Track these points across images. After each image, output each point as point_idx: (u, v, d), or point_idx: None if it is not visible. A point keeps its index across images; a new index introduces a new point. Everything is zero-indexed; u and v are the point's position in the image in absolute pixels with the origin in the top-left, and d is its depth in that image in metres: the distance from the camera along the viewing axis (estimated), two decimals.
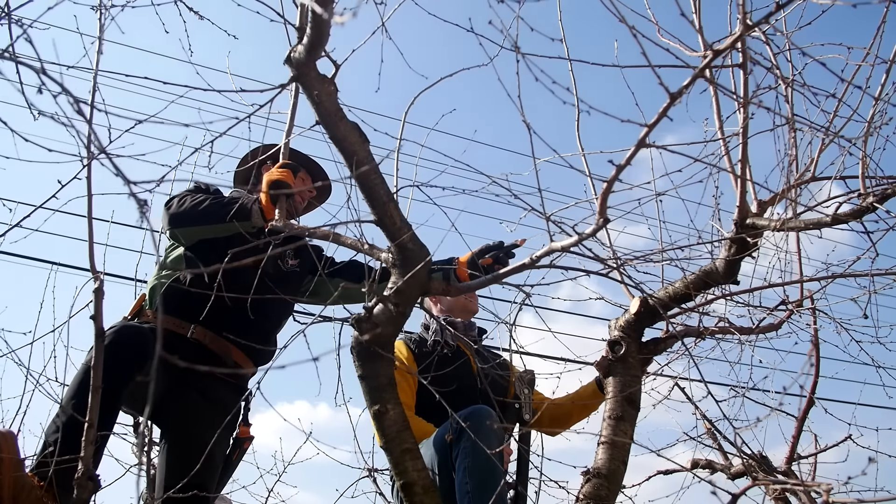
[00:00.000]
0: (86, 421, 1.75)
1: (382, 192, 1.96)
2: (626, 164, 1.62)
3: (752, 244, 2.36)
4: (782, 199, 2.42)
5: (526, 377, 2.91)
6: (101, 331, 1.82)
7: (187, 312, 2.54)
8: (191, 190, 2.69)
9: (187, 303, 2.53)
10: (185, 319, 2.55)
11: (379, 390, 1.97)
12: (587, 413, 3.12)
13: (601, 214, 1.68)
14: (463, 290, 2.18)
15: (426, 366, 2.84)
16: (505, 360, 3.20)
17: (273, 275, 2.66)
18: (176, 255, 2.66)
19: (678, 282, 2.52)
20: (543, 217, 1.83)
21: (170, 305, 2.56)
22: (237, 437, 2.60)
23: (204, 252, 2.61)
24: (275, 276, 2.67)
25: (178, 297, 2.54)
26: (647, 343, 2.68)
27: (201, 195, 2.56)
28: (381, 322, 1.97)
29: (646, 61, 1.53)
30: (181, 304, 2.54)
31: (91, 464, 1.70)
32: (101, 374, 1.78)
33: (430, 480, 1.96)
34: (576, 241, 1.77)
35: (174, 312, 2.55)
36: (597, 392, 3.01)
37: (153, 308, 2.58)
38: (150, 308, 2.59)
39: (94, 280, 2.04)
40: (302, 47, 1.86)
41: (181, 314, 2.55)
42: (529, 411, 2.83)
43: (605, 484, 2.39)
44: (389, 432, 1.95)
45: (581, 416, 3.13)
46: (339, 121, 1.93)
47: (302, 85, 1.93)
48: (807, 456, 3.66)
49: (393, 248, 1.98)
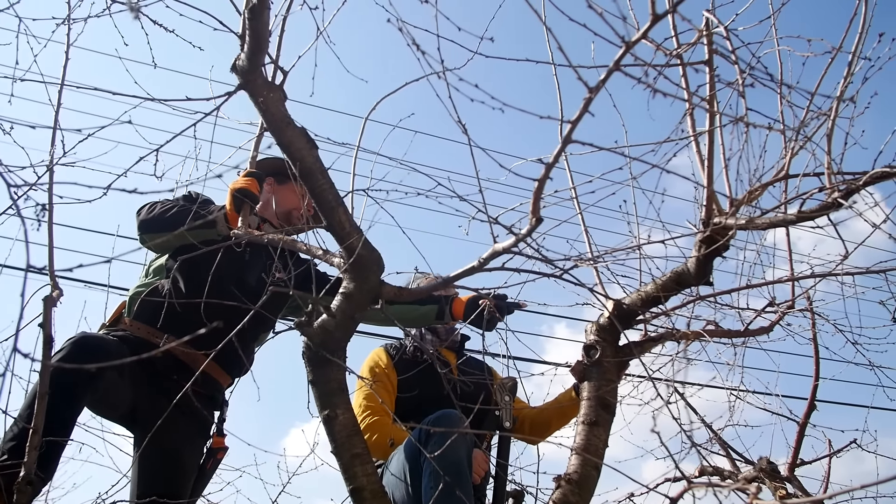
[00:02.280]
0: (30, 427, 1.77)
1: (331, 197, 1.97)
2: (554, 163, 1.60)
3: (722, 244, 2.30)
4: (755, 198, 2.37)
5: (507, 384, 2.88)
6: (48, 338, 1.84)
7: (164, 323, 2.56)
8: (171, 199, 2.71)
9: (162, 312, 2.55)
10: (161, 329, 2.57)
11: (329, 395, 1.96)
12: (567, 419, 3.07)
13: (534, 214, 1.66)
14: (416, 294, 2.17)
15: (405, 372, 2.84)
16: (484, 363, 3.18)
17: (254, 288, 2.66)
18: (158, 265, 2.69)
19: (650, 284, 2.47)
20: (488, 218, 1.81)
21: (146, 314, 2.59)
22: (211, 447, 2.61)
23: (184, 262, 2.63)
24: (256, 289, 2.67)
25: (155, 306, 2.56)
26: (624, 347, 2.63)
27: (171, 202, 2.59)
28: (330, 327, 1.97)
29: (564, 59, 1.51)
30: (156, 312, 2.56)
31: (33, 469, 1.72)
32: (46, 380, 1.80)
33: (381, 486, 1.95)
34: (514, 242, 1.75)
35: (150, 321, 2.57)
36: (574, 398, 2.97)
37: (131, 316, 2.61)
38: (129, 316, 2.62)
39: (53, 288, 2.07)
40: (244, 55, 1.87)
41: (155, 323, 2.57)
42: (510, 418, 2.80)
43: (577, 490, 2.35)
44: (339, 437, 1.95)
45: (561, 423, 3.09)
46: (286, 126, 1.94)
47: (248, 92, 1.95)
48: (810, 461, 3.55)
49: (343, 252, 1.98)
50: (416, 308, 2.85)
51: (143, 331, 2.55)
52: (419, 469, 2.46)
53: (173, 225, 2.50)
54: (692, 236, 2.36)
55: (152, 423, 2.44)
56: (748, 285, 2.60)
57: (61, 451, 2.10)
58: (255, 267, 2.72)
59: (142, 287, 2.65)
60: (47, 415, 1.88)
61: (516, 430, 2.97)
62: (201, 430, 2.58)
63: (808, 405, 3.60)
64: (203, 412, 2.59)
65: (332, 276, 2.95)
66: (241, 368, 2.74)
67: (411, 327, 2.98)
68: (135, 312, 2.59)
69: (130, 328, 2.56)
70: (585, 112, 1.52)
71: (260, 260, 2.73)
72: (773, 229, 2.19)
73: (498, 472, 2.71)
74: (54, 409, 1.88)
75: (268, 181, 2.90)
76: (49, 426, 1.88)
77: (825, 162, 2.11)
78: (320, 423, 1.99)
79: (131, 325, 2.56)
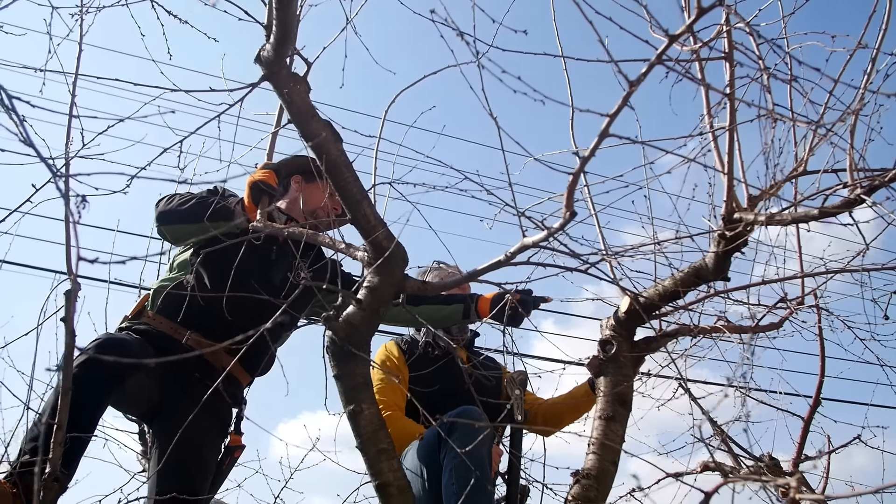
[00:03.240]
0: (54, 423, 1.74)
1: (355, 190, 1.95)
2: (590, 156, 1.59)
3: (742, 240, 2.30)
4: (774, 193, 2.37)
5: (518, 378, 2.88)
6: (71, 332, 1.81)
7: (186, 318, 2.53)
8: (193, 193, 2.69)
9: (187, 308, 2.52)
10: (183, 325, 2.54)
11: (354, 390, 1.95)
12: (579, 414, 3.07)
13: (568, 208, 1.65)
14: (440, 288, 2.16)
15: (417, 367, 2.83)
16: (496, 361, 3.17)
17: (279, 287, 2.63)
18: (182, 260, 2.66)
19: (668, 279, 2.47)
20: (516, 213, 1.80)
21: (169, 308, 2.56)
22: (228, 446, 2.59)
23: (209, 257, 2.60)
24: (281, 288, 2.64)
25: (179, 301, 2.53)
26: (640, 342, 2.64)
27: (190, 195, 2.57)
28: (355, 321, 1.95)
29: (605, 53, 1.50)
30: (179, 307, 2.53)
31: (58, 465, 1.69)
32: (70, 375, 1.78)
33: (406, 481, 1.94)
34: (546, 236, 1.74)
35: (172, 316, 2.54)
36: (589, 393, 2.96)
37: (154, 310, 2.58)
38: (152, 310, 2.59)
39: (72, 281, 2.04)
40: (270, 46, 1.85)
41: (179, 319, 2.54)
42: (521, 412, 2.80)
43: (595, 485, 2.35)
44: (365, 432, 1.93)
45: (573, 417, 3.08)
46: (311, 119, 1.92)
47: (272, 83, 1.92)
48: (814, 457, 3.57)
49: (367, 246, 1.97)
50: (441, 308, 2.83)
51: (166, 325, 2.52)
52: (437, 465, 2.45)
53: (191, 216, 2.47)
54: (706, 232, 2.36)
55: (173, 420, 2.41)
56: (763, 281, 2.60)
57: (84, 449, 2.08)
58: (281, 266, 2.69)
59: (166, 281, 2.62)
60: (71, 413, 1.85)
61: (529, 422, 2.96)
62: (221, 428, 2.55)
63: (813, 402, 3.62)
64: (223, 410, 2.57)
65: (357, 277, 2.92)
66: (262, 368, 2.72)
67: (438, 327, 2.94)
68: (158, 306, 2.57)
69: (153, 322, 2.53)
70: (625, 105, 1.51)
71: (285, 259, 2.69)
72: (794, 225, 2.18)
73: (512, 464, 2.71)
74: (79, 408, 1.85)
75: (295, 179, 2.88)
76: (73, 424, 1.85)
77: (847, 158, 2.11)
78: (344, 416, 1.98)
79: (154, 319, 2.54)
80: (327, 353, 1.98)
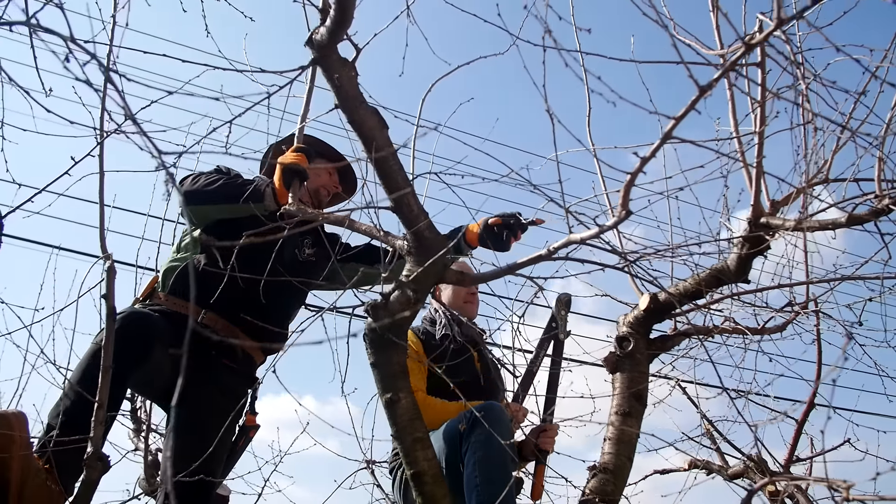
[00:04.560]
0: (95, 401, 1.72)
1: (400, 179, 1.95)
2: (650, 157, 1.60)
3: (765, 244, 2.35)
4: (796, 199, 2.42)
5: (563, 299, 2.97)
6: (112, 310, 1.79)
7: (199, 297, 2.52)
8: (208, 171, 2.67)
9: (200, 287, 2.51)
10: (197, 304, 2.52)
11: (392, 378, 1.95)
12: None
13: (623, 207, 1.66)
14: (478, 280, 2.17)
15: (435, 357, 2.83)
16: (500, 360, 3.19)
17: (289, 264, 2.63)
18: (191, 239, 2.63)
19: (689, 279, 2.51)
20: (563, 208, 1.81)
21: (182, 288, 2.53)
22: (243, 425, 2.58)
23: (219, 236, 2.58)
24: (290, 264, 2.64)
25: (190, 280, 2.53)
26: (655, 340, 2.68)
27: (216, 175, 2.54)
28: (395, 309, 1.95)
29: (676, 56, 1.52)
30: (194, 288, 2.52)
31: (100, 444, 1.68)
32: (111, 354, 1.76)
33: (440, 470, 1.95)
34: (596, 234, 1.75)
35: (186, 296, 2.52)
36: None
37: (165, 291, 2.55)
38: (163, 291, 2.56)
39: (105, 260, 2.02)
40: (325, 29, 1.83)
41: (194, 298, 2.52)
42: (564, 330, 2.88)
43: (611, 479, 2.39)
44: (401, 421, 1.94)
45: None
46: (359, 105, 1.91)
47: (322, 68, 1.91)
48: (805, 458, 3.66)
49: (409, 236, 1.96)
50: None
51: (179, 305, 2.49)
52: (458, 457, 2.46)
53: (220, 197, 2.45)
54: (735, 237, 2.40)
55: (191, 400, 2.40)
56: (779, 285, 2.66)
57: (109, 427, 2.05)
58: (290, 242, 2.69)
59: (176, 261, 2.59)
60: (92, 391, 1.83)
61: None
62: (235, 408, 2.54)
63: (807, 405, 3.71)
64: (240, 390, 2.56)
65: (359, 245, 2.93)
66: (277, 343, 2.71)
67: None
68: (170, 287, 2.54)
69: (166, 303, 2.50)
70: (692, 109, 1.53)
71: (292, 237, 2.69)
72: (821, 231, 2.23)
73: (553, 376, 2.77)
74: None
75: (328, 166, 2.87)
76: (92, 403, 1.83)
77: (876, 167, 2.16)
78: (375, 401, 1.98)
79: (166, 300, 2.51)
80: (365, 341, 1.98)
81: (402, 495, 2.74)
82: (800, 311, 3.04)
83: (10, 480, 1.64)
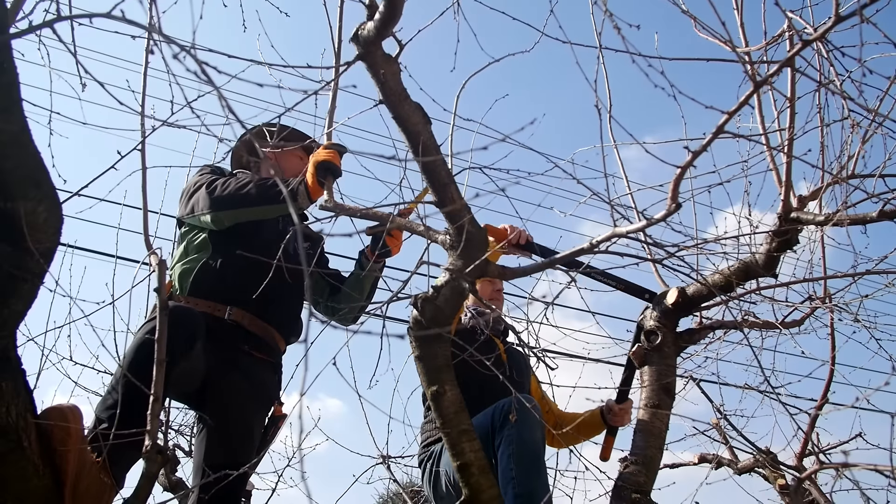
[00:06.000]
0: (151, 394, 1.74)
1: (444, 174, 1.96)
2: (702, 150, 1.63)
3: (794, 239, 2.39)
4: (824, 193, 2.46)
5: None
6: (164, 303, 1.81)
7: (220, 294, 2.54)
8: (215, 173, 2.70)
9: (219, 285, 2.54)
10: (219, 301, 2.54)
11: (436, 371, 1.97)
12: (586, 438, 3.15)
13: (673, 200, 1.69)
14: (518, 273, 2.19)
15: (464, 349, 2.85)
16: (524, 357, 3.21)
17: (294, 255, 2.68)
18: (200, 241, 2.64)
19: (717, 274, 2.54)
20: (608, 202, 1.84)
21: (203, 289, 2.55)
22: (272, 416, 2.60)
23: (228, 235, 2.60)
24: (295, 256, 2.69)
25: (210, 280, 2.54)
26: (682, 333, 2.71)
27: (245, 178, 2.56)
28: (440, 302, 1.97)
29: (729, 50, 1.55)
30: (213, 286, 2.54)
31: (157, 437, 1.69)
32: (164, 346, 1.77)
33: (486, 461, 1.97)
34: (644, 226, 1.78)
35: (208, 296, 2.54)
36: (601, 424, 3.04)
37: (185, 293, 2.56)
38: (182, 294, 2.56)
39: (151, 255, 2.03)
40: (372, 24, 1.85)
41: (214, 297, 2.54)
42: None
43: (643, 470, 2.42)
44: (447, 413, 1.96)
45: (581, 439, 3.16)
46: (404, 101, 1.93)
47: (367, 64, 1.93)
48: (818, 452, 3.71)
49: (452, 230, 1.99)
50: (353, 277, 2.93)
51: (203, 305, 2.50)
52: (490, 451, 2.49)
53: (253, 199, 2.46)
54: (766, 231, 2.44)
55: (224, 396, 2.42)
56: (805, 279, 2.70)
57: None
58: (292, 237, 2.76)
59: (188, 263, 2.60)
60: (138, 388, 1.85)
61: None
62: (266, 399, 2.56)
63: (821, 399, 3.76)
64: (269, 382, 2.58)
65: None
66: (296, 334, 2.75)
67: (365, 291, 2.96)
68: (189, 289, 2.55)
69: (190, 304, 2.51)
70: (745, 104, 1.56)
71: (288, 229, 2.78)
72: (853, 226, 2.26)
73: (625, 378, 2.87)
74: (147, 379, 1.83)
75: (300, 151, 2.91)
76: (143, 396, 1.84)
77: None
78: None
79: (188, 302, 2.51)
80: (408, 335, 2.00)
81: (432, 487, 2.76)
82: (818, 306, 3.08)
83: (66, 473, 1.65)
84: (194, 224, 2.64)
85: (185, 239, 2.68)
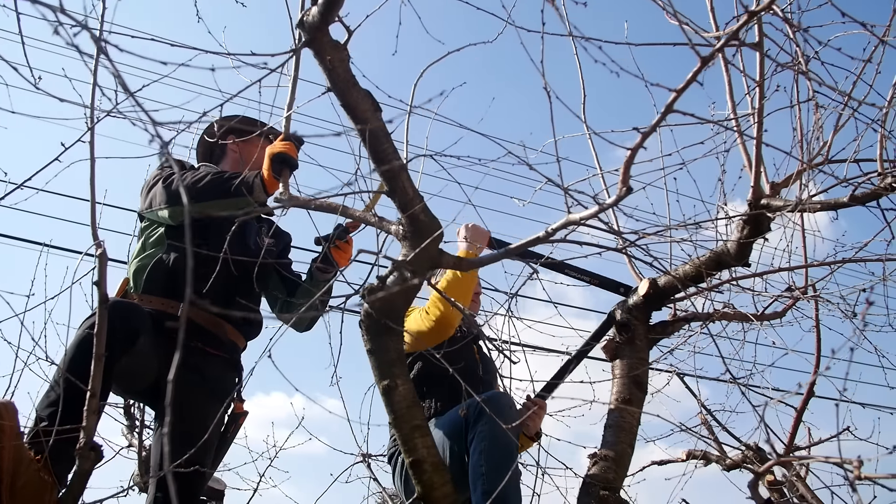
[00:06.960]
0: (87, 390, 1.69)
1: (395, 162, 1.91)
2: (651, 131, 1.57)
3: (766, 226, 2.32)
4: (796, 180, 2.39)
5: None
6: (104, 296, 1.76)
7: (173, 291, 2.49)
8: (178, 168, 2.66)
9: (172, 282, 2.49)
10: (173, 298, 2.49)
11: (388, 365, 1.92)
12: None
13: (623, 183, 1.63)
14: (475, 264, 2.14)
15: None
16: None
17: (254, 252, 2.61)
18: (157, 236, 2.59)
19: (688, 264, 2.48)
20: (561, 188, 1.78)
21: (156, 286, 2.50)
22: (232, 413, 2.55)
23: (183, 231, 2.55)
24: (254, 252, 2.62)
25: (163, 277, 2.49)
26: (655, 326, 2.65)
27: (203, 171, 2.50)
28: (391, 294, 1.92)
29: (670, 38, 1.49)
30: (167, 283, 2.49)
31: (93, 434, 1.64)
32: (104, 341, 1.72)
33: (440, 458, 1.91)
34: (596, 212, 1.72)
35: (161, 293, 2.49)
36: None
37: (139, 291, 2.51)
38: (136, 291, 2.52)
39: (96, 247, 1.98)
40: (316, 9, 1.80)
41: (168, 294, 2.49)
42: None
43: (613, 466, 2.36)
44: (398, 408, 1.90)
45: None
46: (352, 88, 1.88)
47: (314, 50, 1.87)
48: (805, 447, 3.64)
49: (404, 220, 1.93)
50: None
51: (157, 302, 2.45)
52: (462, 445, 2.43)
53: (213, 193, 2.41)
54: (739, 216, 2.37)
55: (178, 393, 2.36)
56: (779, 268, 2.63)
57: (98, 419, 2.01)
58: (251, 230, 2.71)
59: (144, 260, 2.55)
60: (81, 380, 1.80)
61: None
62: (222, 395, 2.50)
63: (806, 394, 3.68)
64: (226, 379, 2.53)
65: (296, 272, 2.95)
66: (254, 330, 2.69)
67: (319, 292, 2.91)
68: (143, 286, 2.50)
69: (142, 302, 2.46)
70: (693, 81, 1.50)
71: (252, 224, 2.73)
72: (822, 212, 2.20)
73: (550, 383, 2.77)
74: (88, 375, 1.77)
75: (230, 139, 2.84)
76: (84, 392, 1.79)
77: (878, 145, 2.13)
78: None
79: (142, 299, 2.46)
80: (361, 328, 1.94)
81: (402, 483, 2.70)
82: (799, 297, 3.01)
83: (2, 470, 1.60)
84: (153, 219, 2.59)
85: (144, 234, 2.64)
